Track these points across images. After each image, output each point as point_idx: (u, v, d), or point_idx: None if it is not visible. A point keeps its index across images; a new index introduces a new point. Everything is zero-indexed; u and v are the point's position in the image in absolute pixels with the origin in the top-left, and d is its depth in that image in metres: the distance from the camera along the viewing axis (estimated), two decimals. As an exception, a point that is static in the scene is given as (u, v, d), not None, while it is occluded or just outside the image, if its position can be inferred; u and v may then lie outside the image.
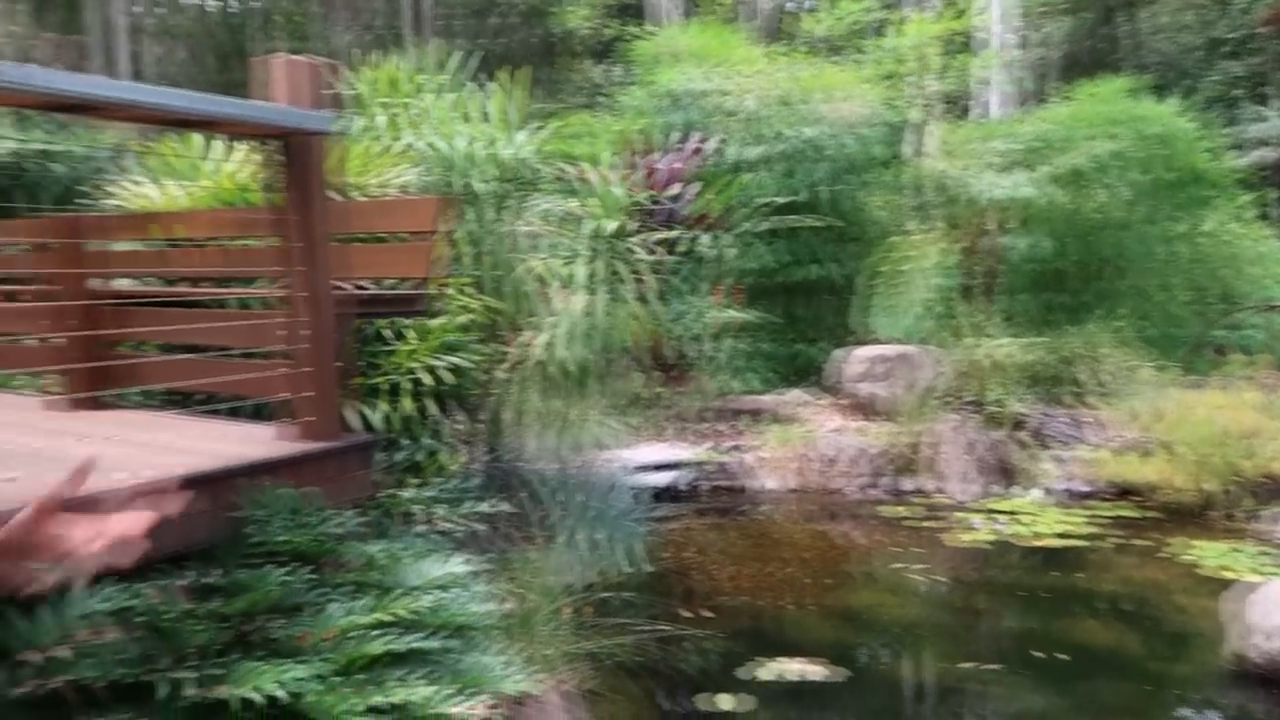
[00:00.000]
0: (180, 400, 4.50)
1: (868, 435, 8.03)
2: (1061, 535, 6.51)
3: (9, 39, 16.72)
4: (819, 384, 9.16)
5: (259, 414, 4.13)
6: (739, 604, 5.37)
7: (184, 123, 2.99)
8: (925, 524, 6.83)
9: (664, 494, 7.43)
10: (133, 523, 1.28)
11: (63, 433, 3.61)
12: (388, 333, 4.65)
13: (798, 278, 9.67)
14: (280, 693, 2.43)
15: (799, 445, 7.91)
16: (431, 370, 4.57)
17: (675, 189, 8.78)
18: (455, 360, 4.67)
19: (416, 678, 2.79)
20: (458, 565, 3.35)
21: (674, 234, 8.63)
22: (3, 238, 5.64)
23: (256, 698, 2.44)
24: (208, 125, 3.14)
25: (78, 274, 4.04)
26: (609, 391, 7.40)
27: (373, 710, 2.52)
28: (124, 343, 4.36)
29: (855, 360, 8.66)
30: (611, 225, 7.47)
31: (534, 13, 21.20)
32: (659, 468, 7.61)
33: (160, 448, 3.30)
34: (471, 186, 5.69)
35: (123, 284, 4.65)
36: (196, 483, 2.92)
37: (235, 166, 4.78)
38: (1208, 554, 6.02)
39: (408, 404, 4.50)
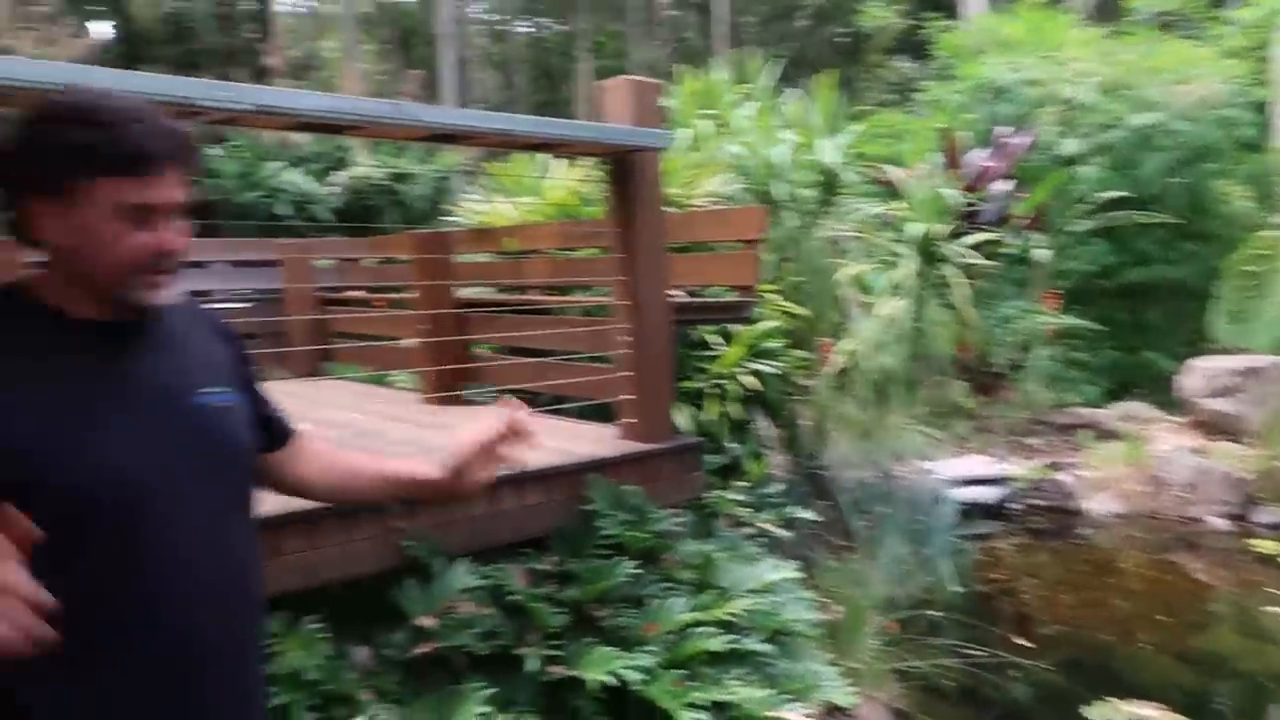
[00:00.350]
0: (526, 397, 4.93)
1: (1212, 456, 7.11)
2: None
3: (383, 75, 19.16)
4: (1150, 397, 8.25)
5: (592, 414, 4.43)
6: (1064, 635, 4.95)
7: (533, 146, 3.26)
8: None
9: (977, 510, 7.02)
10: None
11: (433, 425, 4.08)
12: (708, 338, 4.81)
13: (1127, 281, 8.75)
14: (630, 677, 2.59)
15: (1130, 464, 7.17)
16: (744, 376, 4.67)
17: (994, 187, 8.30)
18: (764, 366, 4.74)
19: (740, 678, 2.87)
20: (778, 570, 3.39)
21: (992, 235, 8.16)
22: (374, 252, 6.49)
23: (607, 680, 2.61)
24: (554, 147, 3.40)
25: (442, 284, 4.55)
26: (920, 400, 7.14)
27: (713, 705, 2.62)
28: (479, 345, 4.86)
29: (1197, 372, 7.69)
30: (927, 228, 7.20)
31: (835, 12, 20.94)
32: (971, 482, 7.21)
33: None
34: (785, 193, 5.72)
35: (472, 292, 5.19)
36: (550, 476, 3.20)
37: (572, 183, 5.15)
38: None
39: (723, 408, 4.63)
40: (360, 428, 4.06)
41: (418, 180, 10.15)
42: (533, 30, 27.26)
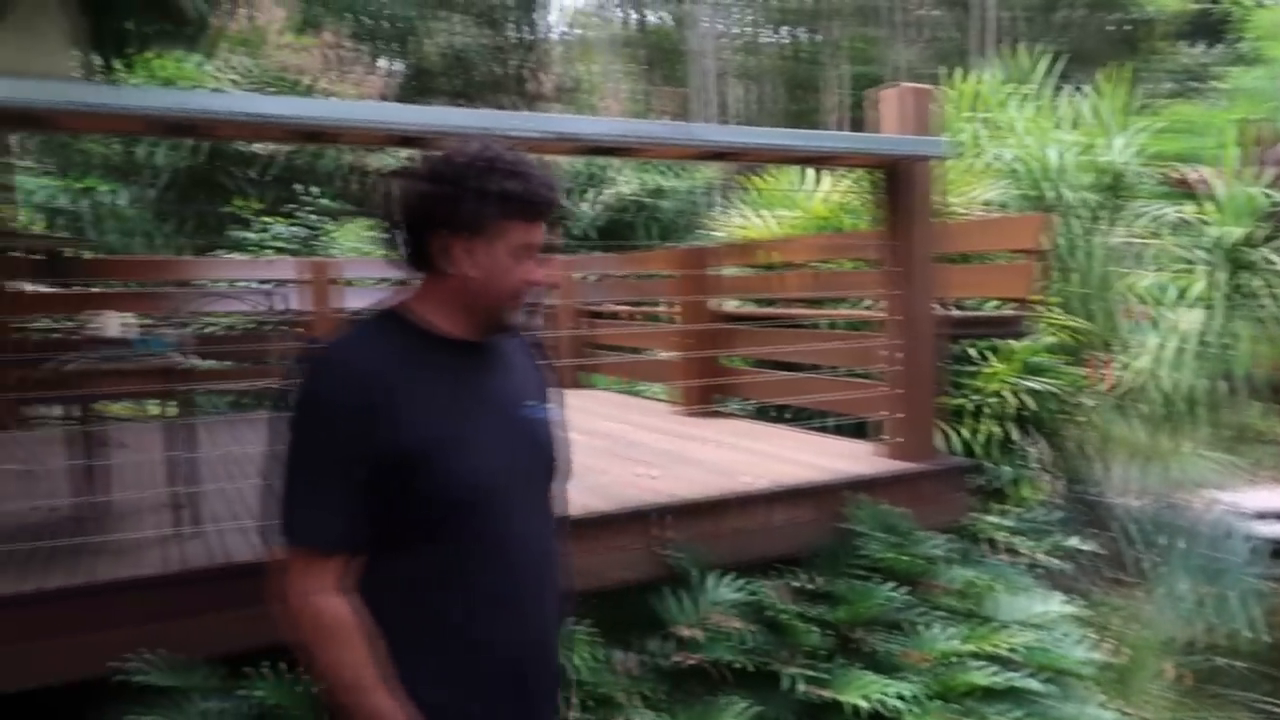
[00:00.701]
0: (773, 412, 4.92)
1: None
2: None
3: (640, 94, 19.88)
4: None
5: (849, 430, 4.32)
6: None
7: (808, 160, 3.23)
8: None
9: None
10: None
11: (688, 436, 4.15)
12: (973, 353, 4.56)
13: None
14: (894, 704, 2.49)
15: None
16: (1013, 393, 4.38)
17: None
18: (1036, 383, 4.42)
19: (1014, 718, 2.68)
20: (1056, 604, 3.14)
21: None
22: (634, 267, 6.71)
23: (864, 705, 2.53)
24: (828, 160, 3.35)
25: (701, 298, 4.62)
26: (1219, 423, 6.37)
27: (982, 744, 2.47)
28: (731, 358, 4.89)
29: None
30: (1236, 232, 6.40)
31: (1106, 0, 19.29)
32: (1273, 516, 6.33)
33: (770, 456, 3.61)
34: (1063, 197, 5.31)
35: (730, 305, 5.23)
36: (811, 492, 3.15)
37: (833, 195, 5.07)
38: None
39: (989, 427, 4.36)
40: (623, 438, 4.20)
41: (674, 196, 10.39)
42: (783, 40, 27.19)
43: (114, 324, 2.59)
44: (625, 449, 3.89)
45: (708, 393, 4.68)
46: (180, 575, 2.30)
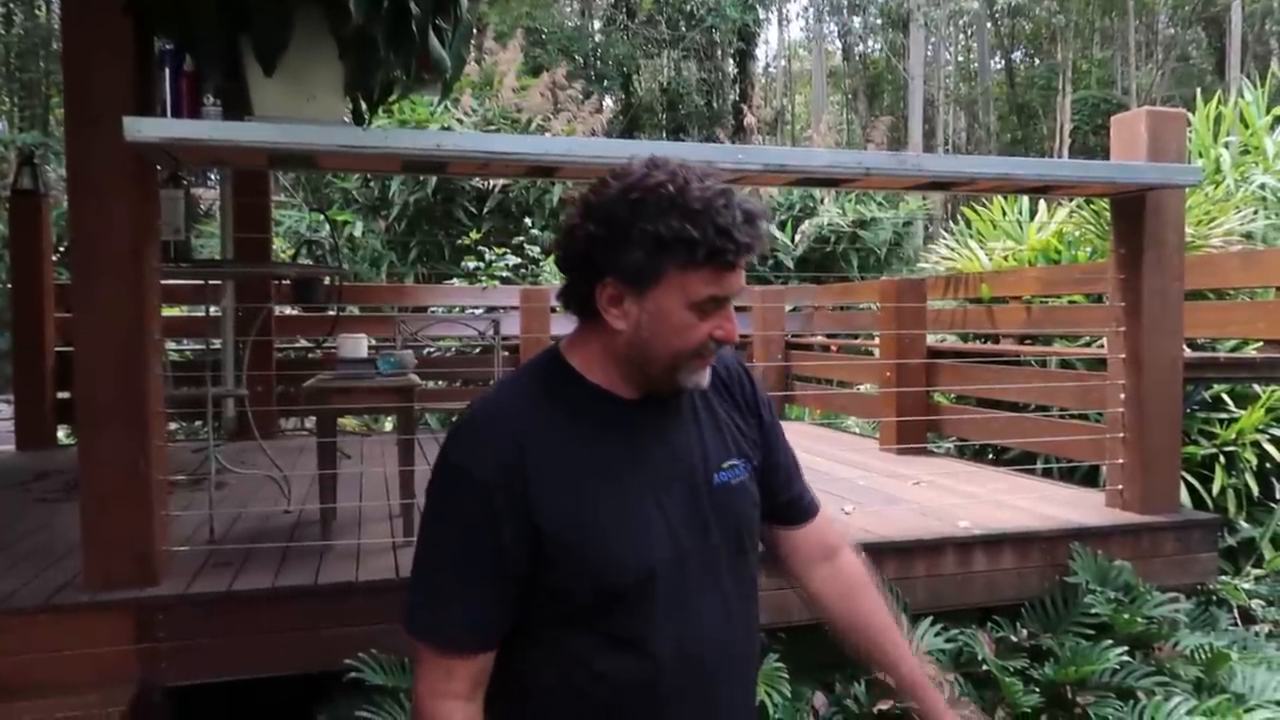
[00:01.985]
0: (979, 452, 4.68)
1: None
2: None
3: (850, 125, 19.70)
4: None
5: (1071, 476, 4.04)
6: None
7: (1034, 189, 3.07)
8: None
9: None
10: None
11: (894, 474, 4.02)
12: (1210, 399, 4.16)
13: None
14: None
15: None
16: (1256, 444, 3.96)
17: None
18: (1285, 434, 3.98)
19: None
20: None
21: None
22: (841, 298, 6.60)
23: (1086, 775, 2.35)
24: (1057, 189, 3.18)
25: (911, 332, 4.48)
26: None
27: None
28: (944, 395, 4.70)
29: None
30: None
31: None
32: None
33: (985, 500, 3.44)
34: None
35: (940, 339, 5.03)
36: (1028, 540, 2.97)
37: (1058, 225, 4.80)
38: None
39: (1230, 480, 3.96)
40: (824, 472, 4.13)
41: (880, 226, 10.16)
42: (1003, 66, 26.11)
43: (360, 346, 2.83)
44: (827, 484, 3.82)
45: (914, 430, 4.52)
46: (401, 582, 2.44)
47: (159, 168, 2.49)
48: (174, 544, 2.55)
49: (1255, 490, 4.00)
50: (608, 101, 17.07)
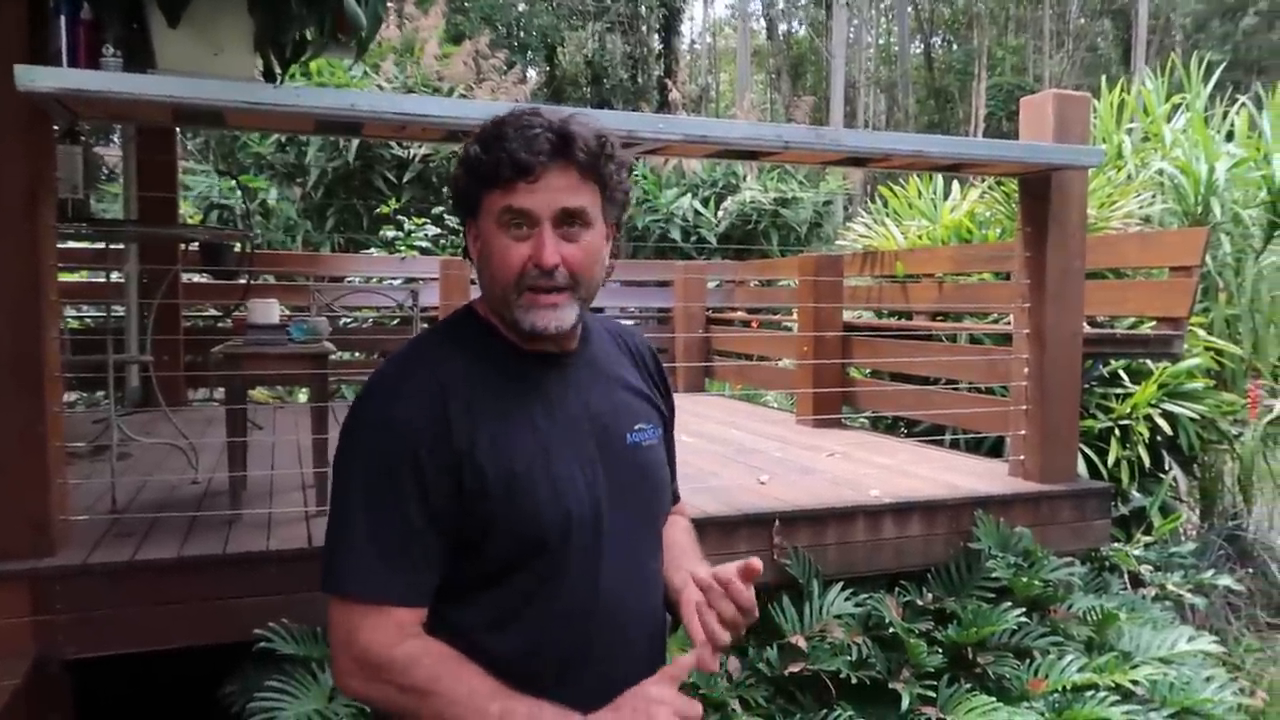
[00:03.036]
0: (891, 425, 4.82)
1: None
2: None
3: (774, 103, 19.84)
4: None
5: (979, 448, 4.18)
6: None
7: (947, 167, 3.15)
8: None
9: None
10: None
11: (809, 446, 4.10)
12: (1107, 373, 4.36)
13: None
14: (1013, 735, 2.40)
15: None
16: (1148, 418, 4.16)
17: None
18: (1181, 409, 4.18)
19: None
20: (1190, 641, 2.97)
21: None
22: (761, 274, 6.68)
23: (985, 732, 2.45)
24: (969, 167, 3.27)
25: (828, 306, 4.57)
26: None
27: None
28: (858, 369, 4.80)
29: None
30: None
31: (1285, 8, 18.07)
32: None
33: (893, 470, 3.54)
34: (1223, 213, 5.00)
35: (854, 316, 5.14)
36: (934, 508, 3.07)
37: (969, 206, 4.93)
38: None
39: (1124, 452, 4.16)
40: (742, 444, 4.19)
41: (801, 205, 10.29)
42: (921, 50, 26.59)
43: (271, 311, 2.75)
44: (744, 455, 3.88)
45: (830, 403, 4.61)
46: (314, 551, 2.40)
47: (55, 123, 2.38)
48: (74, 514, 2.46)
49: (1147, 462, 4.20)
50: (531, 73, 16.86)
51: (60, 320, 2.31)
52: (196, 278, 5.36)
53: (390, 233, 7.51)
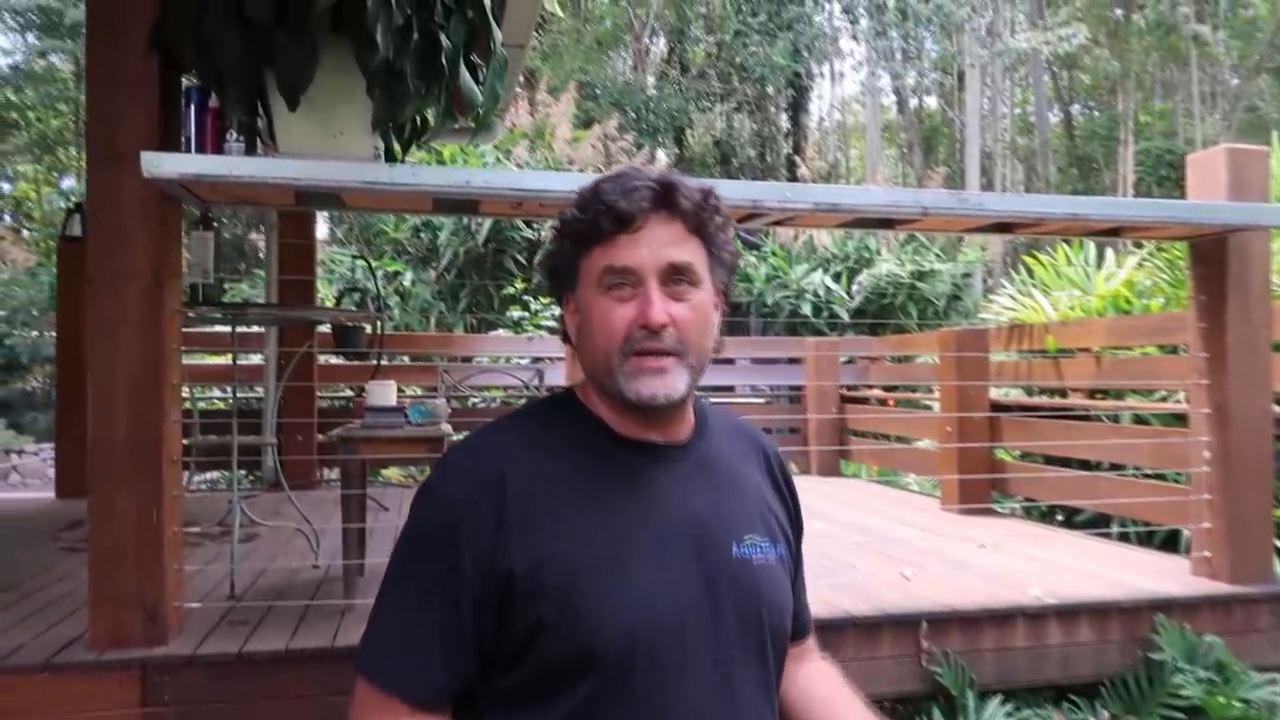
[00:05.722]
0: (1046, 513, 4.40)
1: None
2: None
3: (906, 176, 19.55)
4: None
5: (1150, 541, 3.75)
6: None
7: (1104, 231, 2.87)
8: None
9: None
10: None
11: (958, 536, 3.76)
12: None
13: None
14: None
15: None
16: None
17: None
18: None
19: None
20: None
21: None
22: (898, 349, 6.37)
23: None
24: (1129, 230, 2.97)
25: (973, 384, 4.25)
26: None
27: None
28: (1007, 452, 4.43)
29: None
30: None
31: None
32: None
33: (1057, 566, 3.18)
34: None
35: (1004, 393, 4.78)
36: (1106, 610, 2.71)
37: (1128, 274, 4.55)
38: None
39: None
40: (880, 533, 3.89)
41: (939, 277, 9.91)
42: (1061, 119, 25.77)
43: (388, 393, 2.71)
44: (884, 545, 3.59)
45: (978, 488, 4.26)
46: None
47: (189, 208, 2.43)
48: (191, 600, 2.43)
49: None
50: (660, 154, 17.14)
51: (180, 404, 2.31)
52: (334, 360, 5.49)
53: (517, 313, 7.60)
